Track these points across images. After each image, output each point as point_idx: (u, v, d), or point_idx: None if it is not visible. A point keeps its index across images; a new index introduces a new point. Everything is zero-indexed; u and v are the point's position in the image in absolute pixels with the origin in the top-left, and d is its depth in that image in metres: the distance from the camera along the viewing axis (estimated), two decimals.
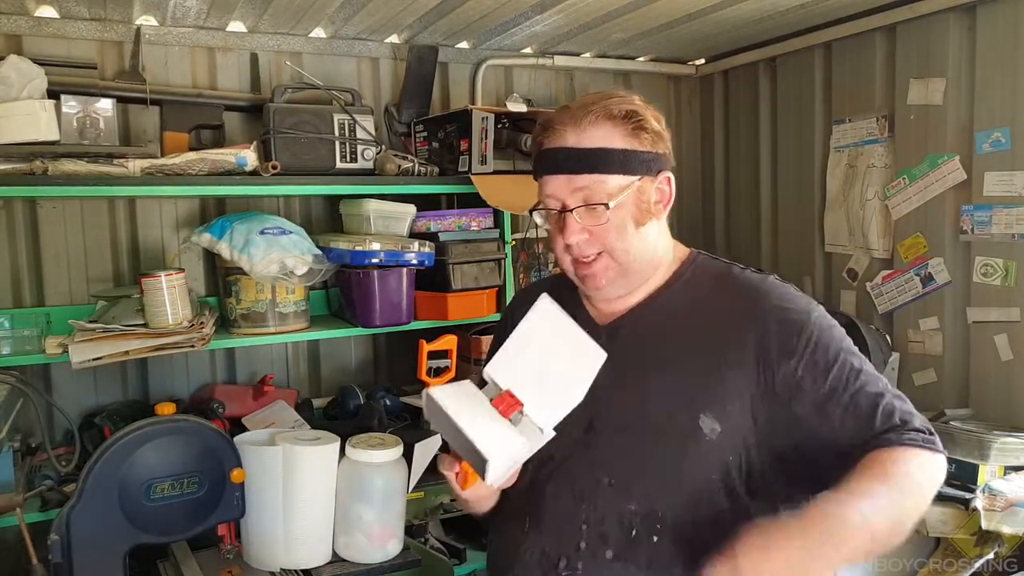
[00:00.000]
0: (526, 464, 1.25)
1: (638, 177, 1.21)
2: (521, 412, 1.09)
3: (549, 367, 1.11)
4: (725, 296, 1.24)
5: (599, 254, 1.22)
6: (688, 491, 1.16)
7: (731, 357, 1.19)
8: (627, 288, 1.27)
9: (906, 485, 1.08)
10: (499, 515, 1.33)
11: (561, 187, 1.21)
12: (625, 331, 1.27)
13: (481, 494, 1.25)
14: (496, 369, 1.12)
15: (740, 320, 1.21)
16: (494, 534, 1.34)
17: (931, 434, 1.15)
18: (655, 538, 1.16)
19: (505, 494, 1.29)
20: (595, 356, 1.12)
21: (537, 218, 1.28)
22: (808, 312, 1.21)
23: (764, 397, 1.18)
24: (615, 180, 1.19)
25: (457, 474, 1.16)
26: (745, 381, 1.18)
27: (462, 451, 1.09)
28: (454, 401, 1.08)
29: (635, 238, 1.22)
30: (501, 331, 1.45)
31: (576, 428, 1.22)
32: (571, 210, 1.20)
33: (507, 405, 1.09)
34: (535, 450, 1.11)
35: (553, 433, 1.11)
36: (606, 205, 1.19)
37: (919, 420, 1.16)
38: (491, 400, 1.10)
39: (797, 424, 1.17)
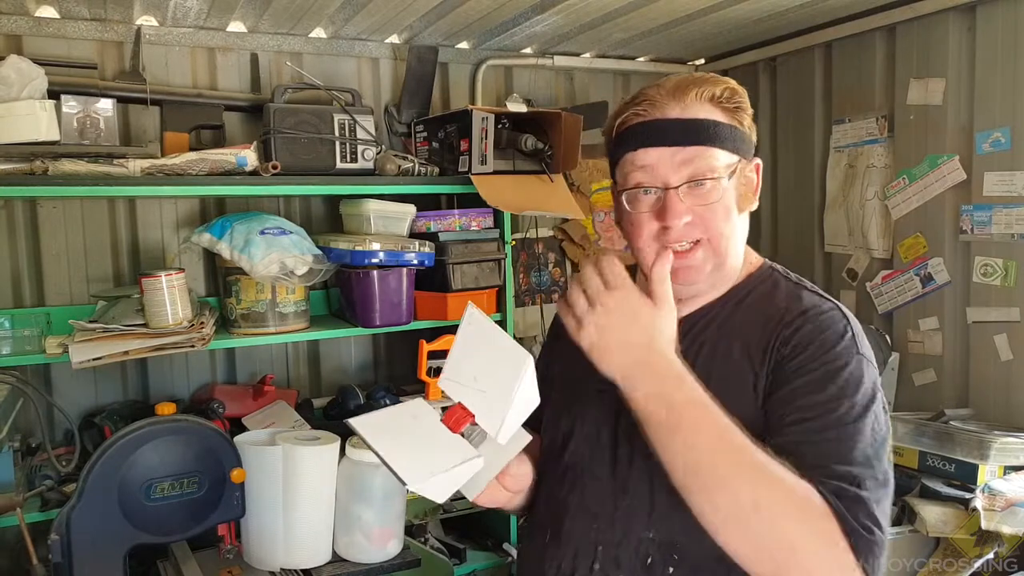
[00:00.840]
0: (548, 467, 1.22)
1: (739, 158, 1.11)
2: (474, 424, 1.05)
3: (488, 376, 1.05)
4: (775, 319, 1.09)
5: (697, 243, 1.09)
6: None
7: (762, 384, 1.06)
8: (711, 287, 1.15)
9: (794, 524, 0.90)
10: (528, 517, 1.28)
11: (664, 160, 1.07)
12: None
13: (497, 498, 1.15)
14: (446, 382, 1.07)
15: (773, 337, 1.07)
16: (521, 539, 1.32)
17: (873, 538, 0.91)
18: (670, 569, 1.07)
19: (537, 495, 1.25)
20: (522, 361, 1.04)
21: (627, 205, 1.11)
22: (844, 348, 1.04)
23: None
24: (724, 156, 1.08)
25: None
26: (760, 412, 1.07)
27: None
28: (385, 424, 1.03)
29: (736, 224, 1.12)
30: (552, 326, 1.39)
31: (601, 444, 1.17)
32: (675, 187, 1.07)
33: (456, 419, 1.04)
34: (505, 459, 1.06)
35: (528, 438, 1.07)
36: (718, 180, 1.07)
37: (878, 519, 0.93)
38: (441, 414, 1.06)
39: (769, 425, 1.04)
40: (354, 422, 1.03)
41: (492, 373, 1.06)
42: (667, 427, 0.96)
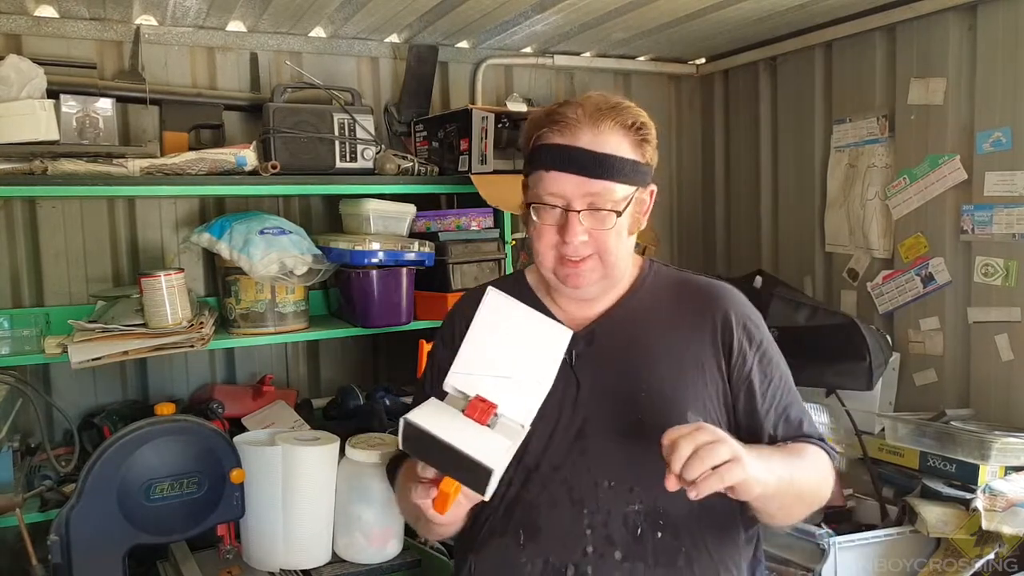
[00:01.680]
0: (506, 476, 1.21)
1: (636, 188, 1.24)
2: (496, 415, 1.06)
3: (513, 360, 1.08)
4: (688, 299, 1.32)
5: (589, 256, 1.23)
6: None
7: (701, 355, 1.27)
8: (603, 289, 1.29)
9: (823, 487, 1.26)
10: (472, 533, 1.28)
11: (571, 187, 1.20)
12: (601, 335, 1.29)
13: (458, 515, 1.17)
14: (458, 378, 1.08)
15: (705, 320, 1.29)
16: (472, 555, 1.28)
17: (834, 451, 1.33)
18: (659, 534, 1.19)
19: (478, 511, 1.25)
20: (561, 335, 1.11)
21: (534, 215, 1.25)
22: (761, 321, 1.33)
23: (726, 391, 1.27)
24: (622, 189, 1.21)
25: (434, 499, 1.07)
26: (714, 376, 1.27)
27: (453, 471, 1.03)
28: (435, 421, 1.02)
29: (624, 244, 1.26)
30: (445, 339, 1.39)
31: (566, 435, 1.23)
32: (577, 211, 1.20)
33: (481, 411, 1.05)
34: (516, 448, 1.08)
35: (528, 427, 1.09)
36: (617, 213, 1.20)
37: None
38: (462, 411, 1.05)
39: (740, 420, 1.28)
40: (413, 417, 1.02)
41: (520, 356, 1.08)
42: (784, 484, 1.14)
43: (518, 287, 1.36)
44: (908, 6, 2.39)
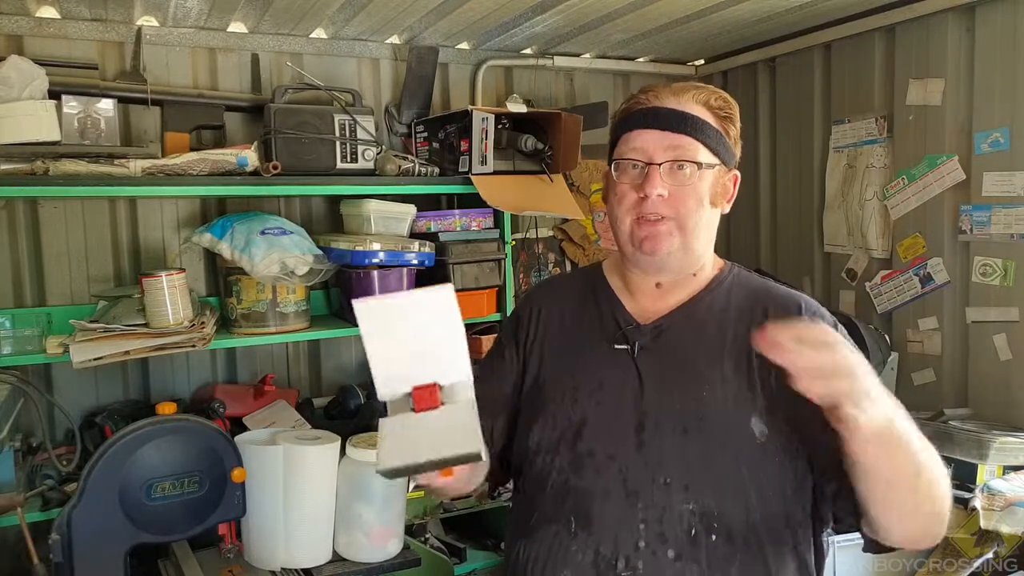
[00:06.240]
0: (553, 461, 1.23)
1: (720, 162, 1.24)
2: (440, 388, 1.05)
3: (422, 338, 1.05)
4: (765, 305, 1.27)
5: (667, 219, 1.21)
6: (743, 492, 1.16)
7: (769, 363, 1.19)
8: (678, 268, 1.26)
9: (942, 486, 1.13)
10: (523, 518, 1.28)
11: (654, 141, 1.21)
12: (670, 330, 1.26)
13: (464, 472, 1.19)
14: (387, 390, 1.05)
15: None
16: (522, 539, 1.28)
17: None
18: (713, 537, 1.16)
19: (531, 495, 1.27)
20: (445, 295, 1.05)
21: (615, 174, 1.25)
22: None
23: (792, 402, 1.17)
24: (705, 154, 1.22)
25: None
26: (782, 385, 1.16)
27: (447, 466, 1.03)
28: (402, 449, 1.00)
29: (705, 215, 1.24)
30: (514, 326, 1.41)
31: (624, 426, 1.21)
32: (658, 164, 1.20)
33: (428, 398, 1.04)
34: (475, 404, 1.06)
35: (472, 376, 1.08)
36: (698, 164, 1.20)
37: None
38: (412, 410, 1.04)
39: (804, 432, 1.19)
40: (387, 464, 1.00)
41: (423, 335, 1.05)
42: (903, 438, 1.03)
43: (593, 278, 1.36)
44: (907, 7, 2.40)
